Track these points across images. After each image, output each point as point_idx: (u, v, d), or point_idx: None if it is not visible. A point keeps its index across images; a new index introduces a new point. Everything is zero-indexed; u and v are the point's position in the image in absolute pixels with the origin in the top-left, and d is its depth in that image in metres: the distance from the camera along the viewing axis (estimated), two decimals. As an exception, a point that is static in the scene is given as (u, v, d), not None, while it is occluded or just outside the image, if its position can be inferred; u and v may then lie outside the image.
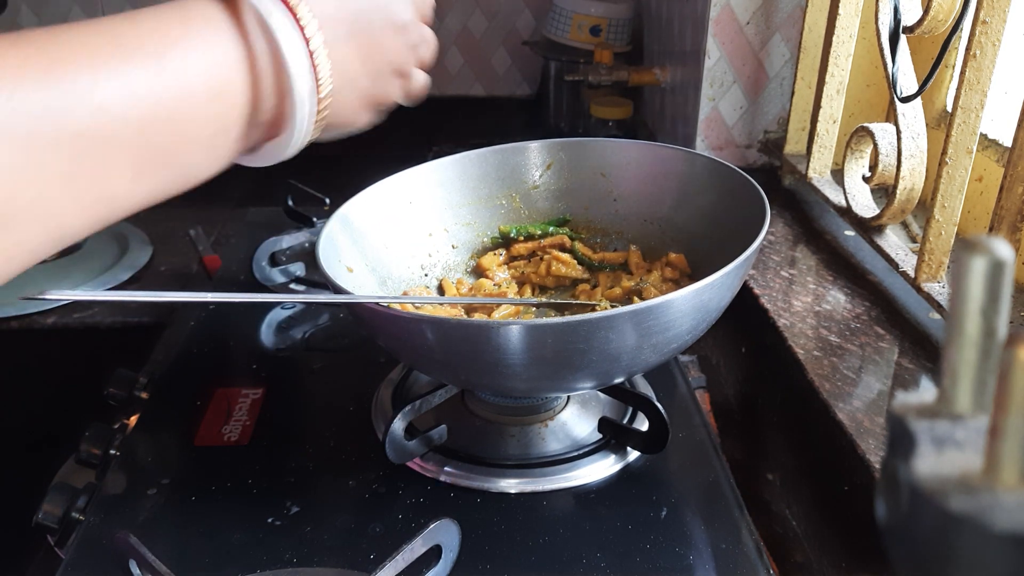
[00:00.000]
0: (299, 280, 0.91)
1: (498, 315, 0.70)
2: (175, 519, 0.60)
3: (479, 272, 0.78)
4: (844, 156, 0.85)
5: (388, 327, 0.58)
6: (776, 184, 1.06)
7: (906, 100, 0.76)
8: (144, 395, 0.75)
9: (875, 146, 0.80)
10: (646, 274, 0.73)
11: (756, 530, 0.59)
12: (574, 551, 0.57)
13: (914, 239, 0.86)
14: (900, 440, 0.20)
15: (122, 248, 1.06)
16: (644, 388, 0.72)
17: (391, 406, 0.70)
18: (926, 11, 0.72)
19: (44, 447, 0.78)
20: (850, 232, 0.91)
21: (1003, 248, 0.19)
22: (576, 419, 0.68)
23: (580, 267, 0.77)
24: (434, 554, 0.53)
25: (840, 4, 0.88)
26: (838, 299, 0.80)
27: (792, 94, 1.01)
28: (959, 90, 0.66)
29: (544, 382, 0.59)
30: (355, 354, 0.80)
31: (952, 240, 0.71)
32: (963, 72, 0.65)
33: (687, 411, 0.71)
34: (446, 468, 0.63)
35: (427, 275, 0.76)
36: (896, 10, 0.75)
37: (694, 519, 0.60)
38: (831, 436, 0.63)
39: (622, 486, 0.63)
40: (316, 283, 0.91)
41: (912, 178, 0.77)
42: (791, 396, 0.72)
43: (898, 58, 0.76)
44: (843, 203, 0.87)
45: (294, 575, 0.55)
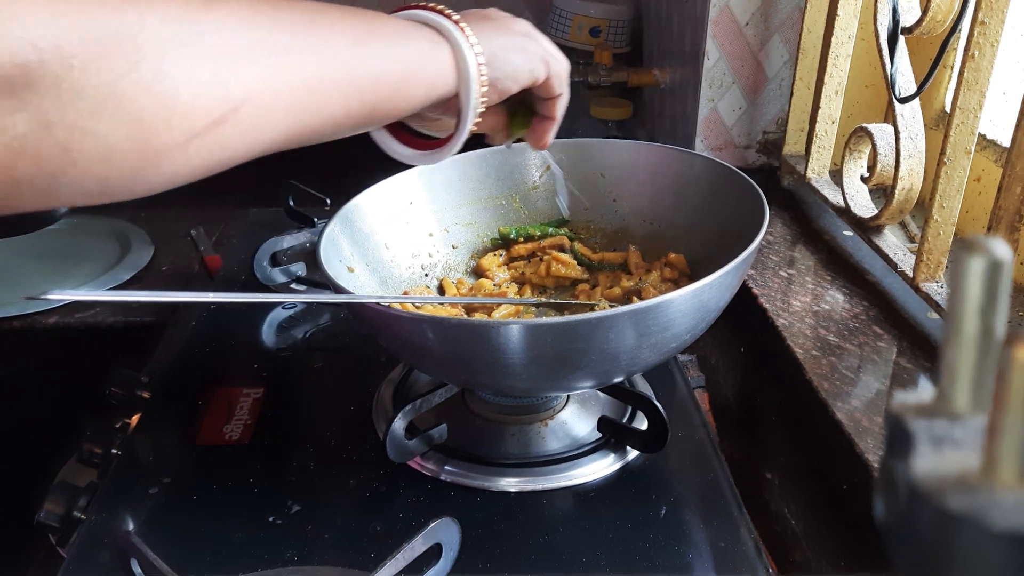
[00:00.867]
0: (300, 280, 0.91)
1: (498, 315, 0.70)
2: (176, 518, 0.61)
3: (479, 272, 0.78)
4: (843, 156, 0.86)
5: (389, 327, 0.58)
6: (775, 184, 1.06)
7: (904, 101, 0.76)
8: (145, 394, 0.76)
9: (873, 146, 0.80)
10: (645, 274, 0.74)
11: (755, 529, 0.59)
12: (574, 549, 0.57)
13: (912, 239, 0.86)
14: (898, 439, 0.20)
15: (124, 248, 1.06)
16: (643, 387, 0.72)
17: (392, 405, 0.70)
18: (925, 12, 0.72)
19: (46, 446, 0.78)
20: (848, 232, 0.92)
21: (1001, 248, 0.19)
22: (576, 418, 0.69)
23: (579, 267, 0.77)
24: (434, 553, 0.53)
25: (839, 5, 0.88)
26: (837, 299, 0.80)
27: (791, 95, 1.01)
28: (957, 91, 0.66)
29: (544, 381, 0.59)
30: (356, 354, 0.80)
31: (950, 240, 0.72)
32: (961, 73, 0.66)
33: (686, 410, 0.71)
34: (446, 467, 0.63)
35: (427, 275, 0.76)
36: (895, 11, 0.76)
37: (693, 518, 0.60)
38: (830, 435, 0.63)
39: (621, 485, 0.63)
40: (317, 283, 0.91)
41: (910, 178, 0.77)
42: (790, 396, 0.72)
43: (896, 59, 0.76)
44: (842, 203, 0.87)
45: (295, 573, 0.55)
